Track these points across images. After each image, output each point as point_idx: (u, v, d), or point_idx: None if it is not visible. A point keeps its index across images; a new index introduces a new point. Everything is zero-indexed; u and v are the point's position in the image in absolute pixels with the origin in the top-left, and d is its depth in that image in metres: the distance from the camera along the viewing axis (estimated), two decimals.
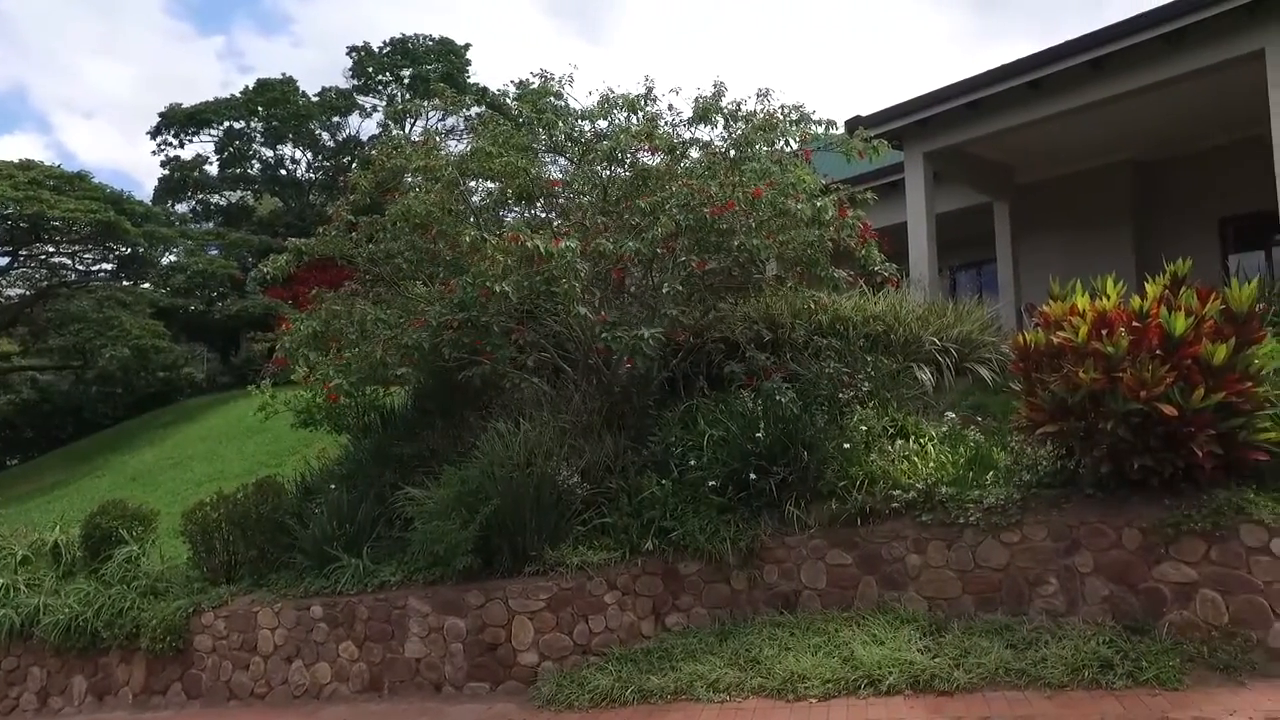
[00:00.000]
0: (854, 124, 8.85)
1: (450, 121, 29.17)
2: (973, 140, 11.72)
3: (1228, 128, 11.00)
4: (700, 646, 6.14)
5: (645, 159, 7.95)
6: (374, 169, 8.11)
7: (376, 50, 36.72)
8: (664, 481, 6.94)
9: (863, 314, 8.28)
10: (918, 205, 11.86)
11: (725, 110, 7.88)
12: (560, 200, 8.89)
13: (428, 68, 35.30)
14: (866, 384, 7.41)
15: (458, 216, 7.89)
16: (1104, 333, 5.34)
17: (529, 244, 6.20)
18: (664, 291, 6.77)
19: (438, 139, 12.58)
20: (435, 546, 6.77)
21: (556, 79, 8.40)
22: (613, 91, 8.18)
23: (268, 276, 8.21)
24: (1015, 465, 6.32)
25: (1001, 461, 6.41)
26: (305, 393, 9.63)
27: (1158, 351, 5.17)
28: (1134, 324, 5.34)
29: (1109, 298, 5.62)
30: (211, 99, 35.33)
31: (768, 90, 8.05)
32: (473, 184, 8.68)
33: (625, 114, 8.21)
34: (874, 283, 8.43)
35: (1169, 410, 4.98)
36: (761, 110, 7.89)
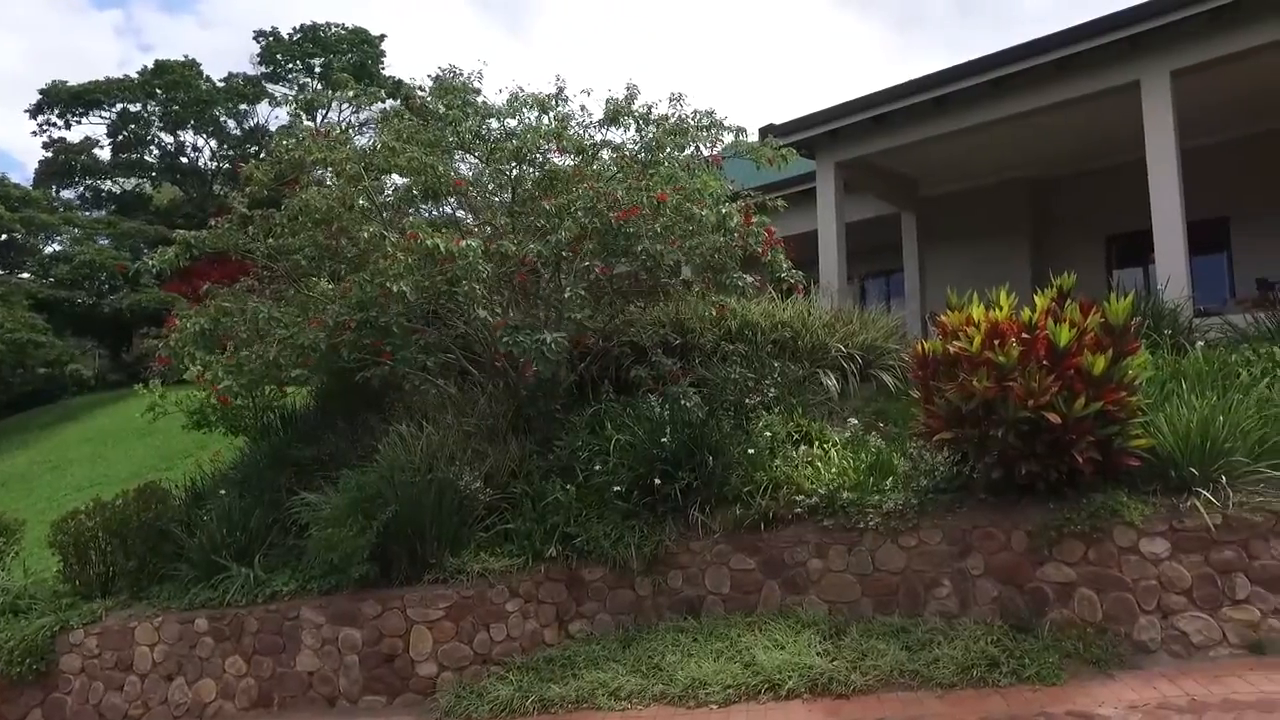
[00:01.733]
0: (767, 132, 8.95)
1: (366, 114, 28.34)
2: (881, 152, 12.04)
3: (1114, 151, 11.59)
4: (603, 654, 6.08)
5: (555, 160, 7.85)
6: (272, 160, 7.74)
7: (286, 37, 35.41)
8: (569, 486, 6.85)
9: (771, 320, 8.38)
10: (828, 214, 12.10)
11: (637, 113, 7.85)
12: (474, 199, 8.71)
13: (341, 57, 34.22)
14: (773, 390, 7.49)
15: (364, 213, 7.61)
16: (996, 343, 5.51)
17: (428, 243, 6.00)
18: (566, 295, 6.67)
19: (350, 132, 12.16)
20: (330, 554, 6.51)
21: (465, 75, 8.21)
22: (522, 90, 8.05)
23: (153, 270, 7.73)
24: (914, 471, 6.48)
25: (901, 467, 6.56)
26: (199, 393, 9.15)
27: (1044, 362, 5.38)
28: (1024, 335, 5.53)
29: (1002, 309, 5.82)
30: (102, 78, 33.23)
31: (681, 95, 8.06)
32: (384, 179, 8.41)
33: (536, 113, 8.08)
34: (783, 289, 8.53)
35: (1054, 418, 5.18)
36: (674, 115, 7.89)
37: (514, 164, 7.72)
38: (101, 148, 34.90)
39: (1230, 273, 12.05)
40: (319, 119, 31.74)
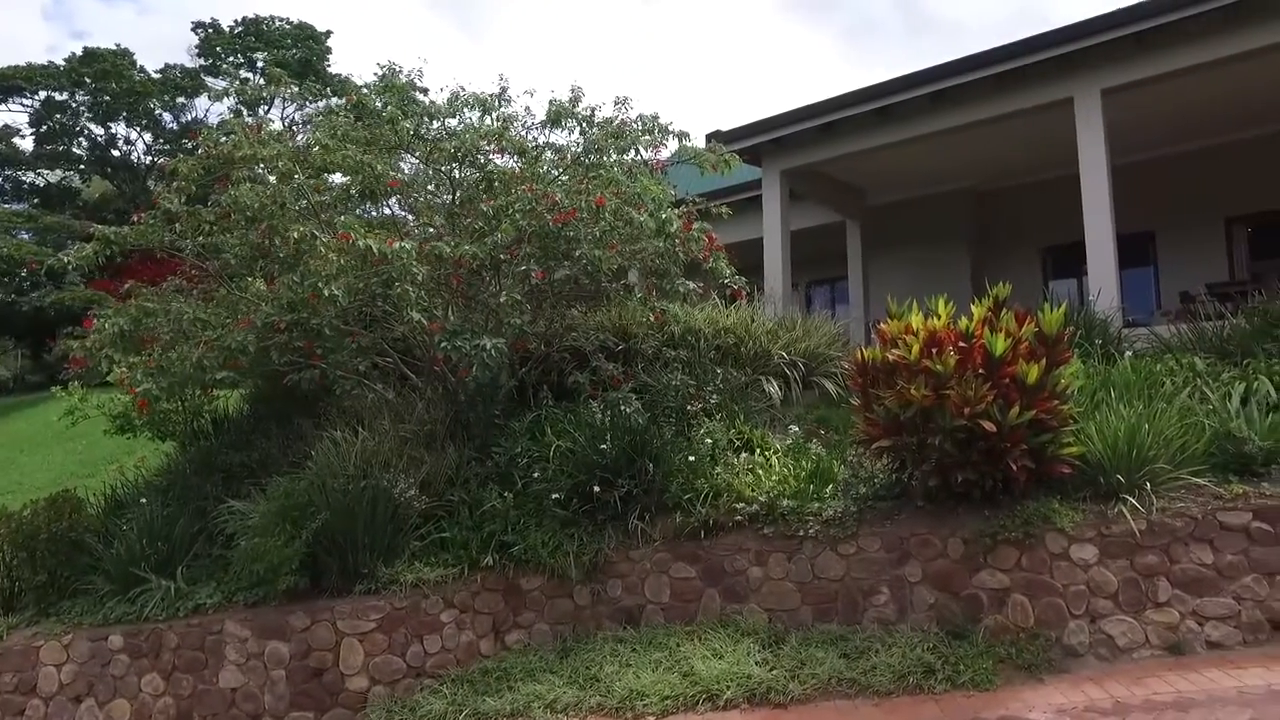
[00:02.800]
0: (712, 138, 8.96)
1: (311, 110, 27.61)
2: (827, 161, 12.18)
3: (1050, 165, 11.93)
4: (540, 665, 5.96)
5: (496, 161, 7.70)
6: (200, 155, 7.43)
7: (227, 29, 34.38)
8: (507, 494, 6.73)
9: (714, 326, 8.37)
10: (773, 221, 12.19)
11: (580, 116, 7.75)
12: (415, 200, 8.50)
13: (285, 52, 33.33)
14: (715, 396, 7.47)
15: (300, 212, 7.36)
16: (934, 351, 5.56)
17: (361, 243, 5.81)
18: (502, 299, 6.53)
19: (295, 129, 11.79)
20: (257, 565, 6.25)
21: (407, 72, 8.01)
22: (464, 89, 7.88)
23: (69, 266, 7.36)
24: (853, 478, 6.51)
25: (841, 474, 6.59)
26: (123, 396, 8.74)
27: (980, 370, 5.44)
28: (960, 344, 5.59)
29: (940, 318, 5.87)
30: (23, 64, 31.62)
31: (626, 99, 7.99)
32: (325, 179, 8.15)
33: (478, 114, 7.92)
34: (727, 296, 8.52)
35: (989, 426, 5.24)
36: (618, 118, 7.81)
37: (454, 165, 7.56)
38: (23, 137, 33.35)
39: (1156, 285, 12.47)
40: (263, 115, 30.83)
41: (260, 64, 33.59)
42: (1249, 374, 6.62)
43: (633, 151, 7.60)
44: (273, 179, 7.39)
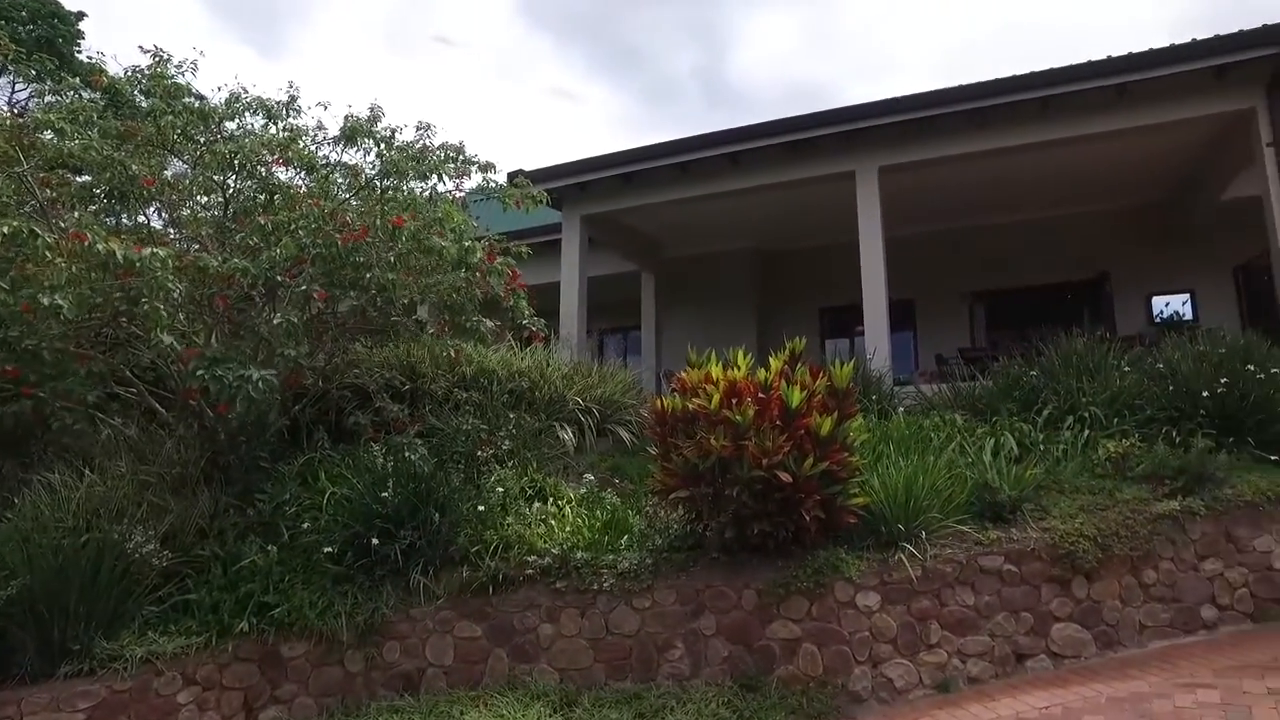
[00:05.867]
0: (515, 176, 8.73)
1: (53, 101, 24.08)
2: (627, 210, 12.34)
3: (830, 231, 12.87)
4: None
5: (281, 175, 6.95)
6: None
7: None
8: (271, 547, 5.93)
9: (509, 369, 8.02)
10: (571, 266, 12.12)
11: (379, 136, 7.19)
12: (182, 212, 7.42)
13: (20, 27, 29.07)
14: (507, 442, 7.08)
15: (18, 205, 6.15)
16: (734, 402, 5.58)
17: (100, 247, 4.87)
18: (276, 323, 5.77)
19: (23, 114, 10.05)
20: None
21: (177, 62, 7.01)
22: (245, 91, 7.05)
23: None
24: (649, 529, 6.36)
25: (636, 525, 6.43)
26: None
27: (778, 421, 5.52)
28: (759, 395, 5.66)
29: (740, 369, 5.93)
30: None
31: (429, 125, 7.55)
32: (61, 174, 6.91)
33: (261, 120, 7.12)
34: (522, 338, 8.22)
35: (785, 477, 5.30)
36: (420, 142, 7.33)
37: (229, 173, 6.69)
38: None
39: (915, 348, 13.75)
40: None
41: None
42: (997, 430, 7.30)
43: (435, 178, 7.14)
44: None
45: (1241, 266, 11.70)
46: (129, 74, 7.01)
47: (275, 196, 6.46)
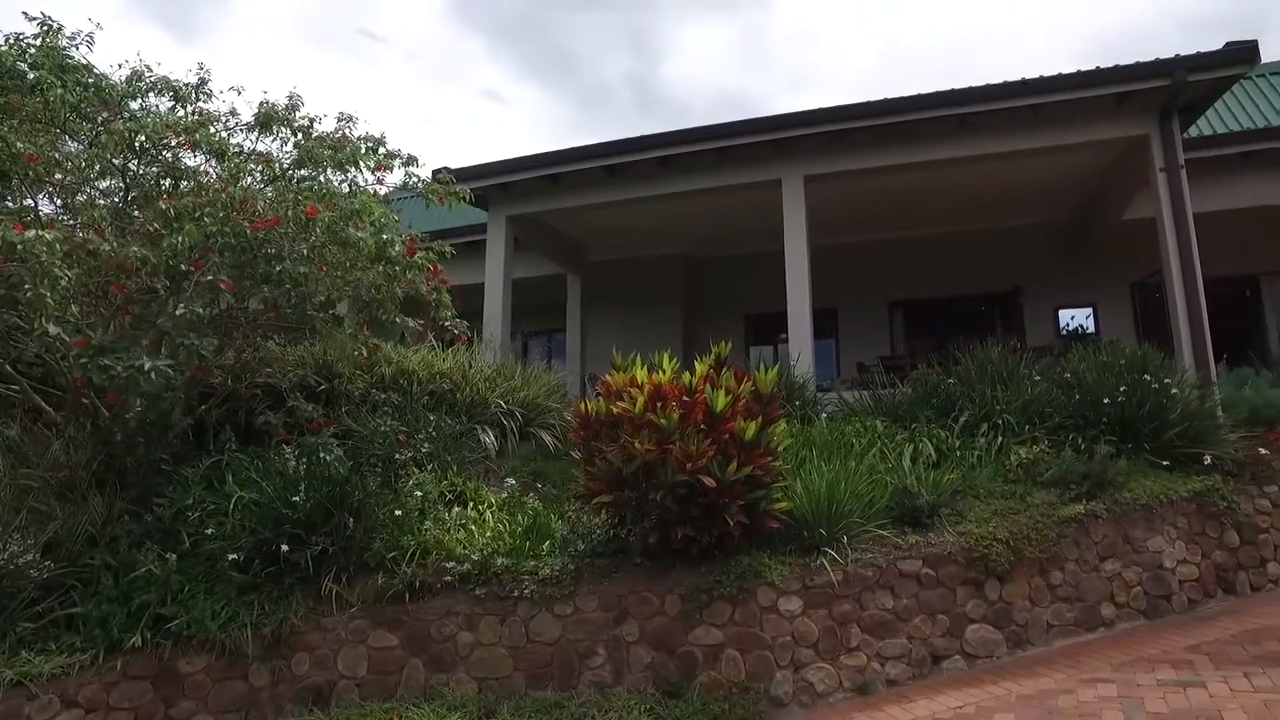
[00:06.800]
0: (439, 173, 8.50)
1: None
2: (553, 212, 12.21)
3: (756, 239, 13.00)
4: None
5: (188, 161, 6.57)
6: None
7: None
8: (170, 555, 5.58)
9: (429, 370, 7.80)
10: (496, 267, 11.91)
11: (297, 125, 6.87)
12: (75, 196, 6.95)
13: None
14: (427, 445, 6.87)
15: None
16: (659, 405, 5.53)
17: None
18: (178, 313, 5.43)
19: None
20: None
21: (70, 34, 6.53)
22: (150, 70, 6.63)
23: None
24: (571, 534, 6.25)
25: (559, 530, 6.31)
26: None
27: (703, 426, 5.50)
28: (684, 398, 5.63)
29: (665, 372, 5.89)
30: None
31: (351, 116, 7.27)
32: None
33: (168, 101, 6.72)
34: (445, 339, 8.01)
35: (709, 482, 5.27)
36: (340, 132, 7.05)
37: (130, 155, 6.27)
38: None
39: (837, 355, 14.02)
40: None
41: None
42: (916, 436, 7.47)
43: (354, 170, 6.86)
44: None
45: (1138, 283, 12.34)
46: (10, 42, 6.48)
47: (181, 182, 6.08)
